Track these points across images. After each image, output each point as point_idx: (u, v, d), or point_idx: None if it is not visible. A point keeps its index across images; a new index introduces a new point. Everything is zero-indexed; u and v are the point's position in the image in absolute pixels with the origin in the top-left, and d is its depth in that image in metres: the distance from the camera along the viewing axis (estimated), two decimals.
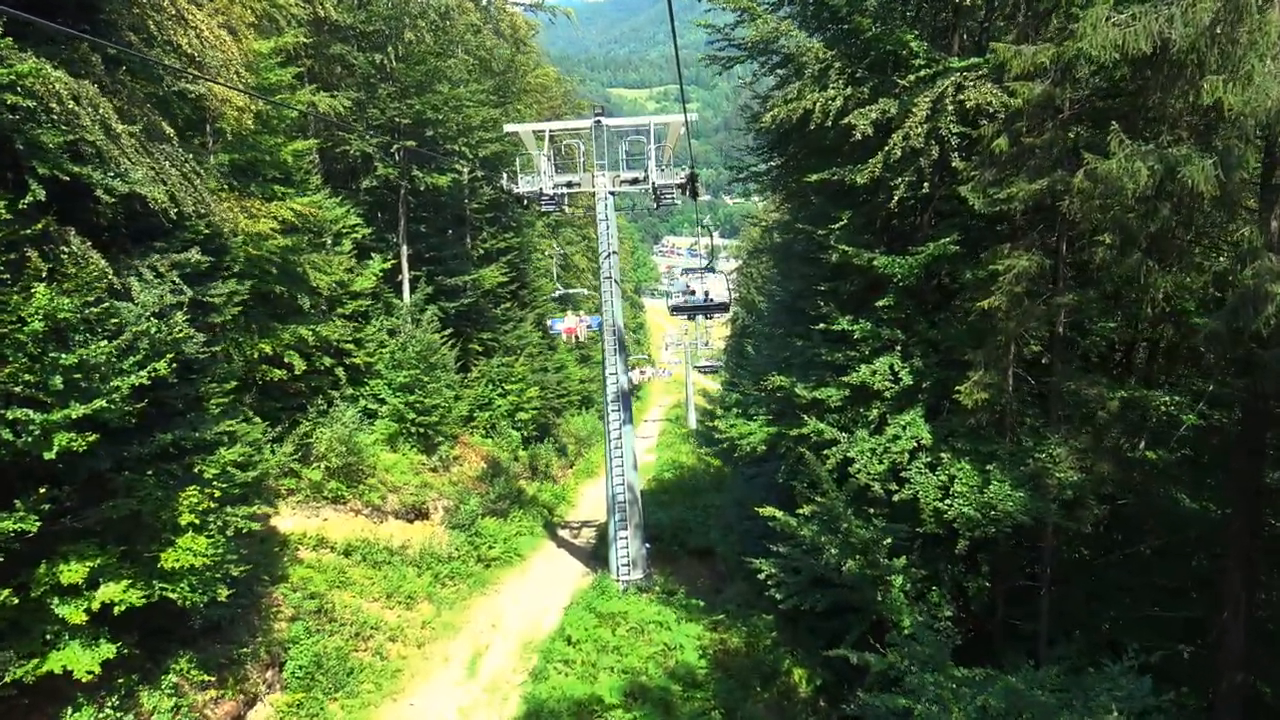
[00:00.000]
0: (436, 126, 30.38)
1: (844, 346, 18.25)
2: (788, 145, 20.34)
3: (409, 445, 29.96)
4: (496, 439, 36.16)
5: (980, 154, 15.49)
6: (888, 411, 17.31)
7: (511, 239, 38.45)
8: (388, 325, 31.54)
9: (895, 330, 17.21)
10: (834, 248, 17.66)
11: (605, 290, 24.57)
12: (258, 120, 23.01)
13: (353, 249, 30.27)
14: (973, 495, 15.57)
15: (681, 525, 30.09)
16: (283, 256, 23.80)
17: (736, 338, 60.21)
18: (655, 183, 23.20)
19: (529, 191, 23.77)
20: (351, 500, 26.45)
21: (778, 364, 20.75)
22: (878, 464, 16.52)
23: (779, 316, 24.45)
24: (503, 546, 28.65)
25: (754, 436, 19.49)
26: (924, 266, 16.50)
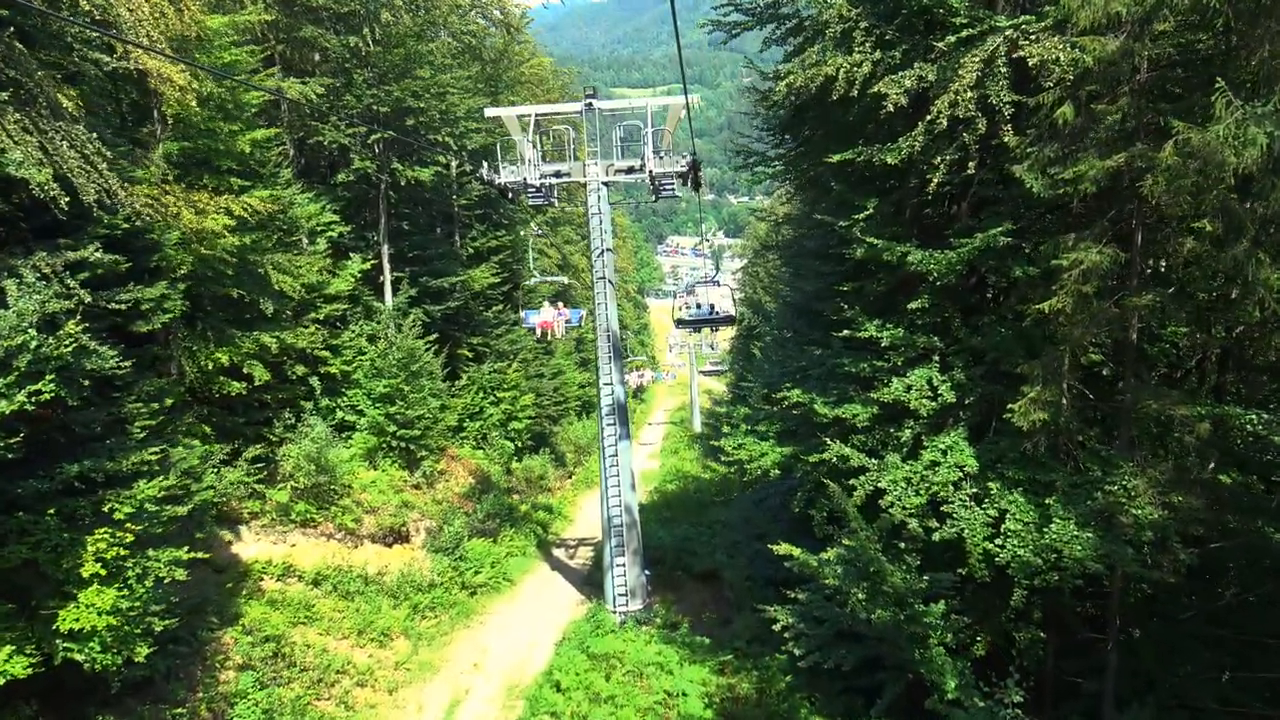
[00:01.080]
0: (418, 115, 27.82)
1: (870, 356, 15.64)
2: (803, 125, 17.69)
3: (389, 461, 27.41)
4: (488, 450, 33.60)
5: (1037, 126, 12.84)
6: (923, 432, 14.67)
7: (504, 237, 35.86)
8: (367, 330, 29.01)
9: (931, 337, 14.57)
10: (860, 240, 15.02)
11: (599, 291, 21.96)
12: (211, 106, 20.52)
13: (328, 248, 27.75)
14: (1029, 535, 12.94)
15: (685, 547, 27.44)
16: (240, 256, 21.27)
17: (742, 339, 57.53)
18: (652, 171, 20.57)
19: (512, 182, 21.15)
20: (323, 523, 23.92)
21: (791, 374, 18.12)
22: (914, 496, 13.88)
23: (791, 320, 21.81)
24: (490, 571, 26.05)
25: (765, 459, 16.88)
26: (966, 262, 13.84)
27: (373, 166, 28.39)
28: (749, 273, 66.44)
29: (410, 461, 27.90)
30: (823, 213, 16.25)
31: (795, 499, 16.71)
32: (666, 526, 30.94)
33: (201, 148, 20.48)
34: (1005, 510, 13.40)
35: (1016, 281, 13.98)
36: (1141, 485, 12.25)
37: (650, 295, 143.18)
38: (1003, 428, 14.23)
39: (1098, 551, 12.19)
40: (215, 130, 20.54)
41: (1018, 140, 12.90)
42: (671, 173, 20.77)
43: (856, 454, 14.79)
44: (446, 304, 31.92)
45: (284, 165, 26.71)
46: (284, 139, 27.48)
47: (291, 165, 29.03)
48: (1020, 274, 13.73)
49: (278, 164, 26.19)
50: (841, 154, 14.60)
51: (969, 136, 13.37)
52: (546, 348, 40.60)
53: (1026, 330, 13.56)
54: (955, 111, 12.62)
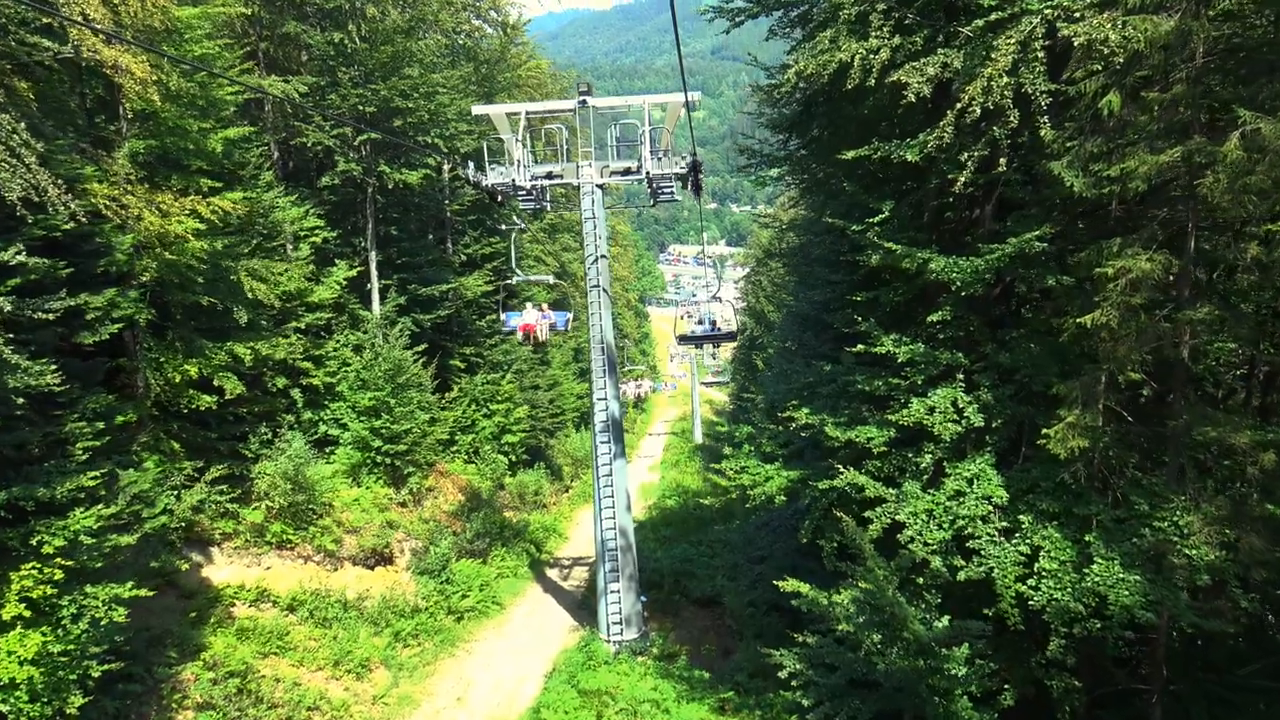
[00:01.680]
0: (406, 116, 26.45)
1: (885, 373, 14.19)
2: (811, 123, 16.29)
3: (374, 477, 25.96)
4: (480, 465, 32.12)
5: (1076, 118, 11.45)
6: (945, 457, 13.22)
7: (498, 244, 34.43)
8: (353, 340, 27.60)
9: (955, 353, 13.11)
10: (875, 246, 13.59)
11: (593, 300, 20.55)
12: (181, 103, 19.18)
13: (311, 254, 26.37)
14: (1066, 575, 11.48)
15: (684, 569, 25.96)
16: (212, 262, 19.89)
17: (744, 350, 56.06)
18: (650, 173, 19.19)
19: (500, 184, 19.77)
20: (300, 545, 22.48)
21: (798, 391, 16.67)
22: (937, 530, 12.42)
23: (797, 331, 20.39)
24: (478, 595, 24.57)
25: (770, 484, 15.40)
26: (995, 270, 12.42)
27: (359, 169, 27.00)
28: (751, 281, 65.00)
29: (396, 478, 26.45)
30: (834, 216, 14.80)
31: (803, 528, 15.25)
32: (665, 546, 29.49)
33: (170, 146, 19.08)
34: (1038, 547, 11.95)
35: (1050, 292, 12.55)
36: (1196, 522, 10.79)
37: (652, 304, 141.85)
38: (1034, 454, 12.81)
39: (1146, 598, 10.72)
40: (184, 128, 19.16)
41: (1054, 134, 11.48)
42: (670, 174, 19.39)
43: (872, 483, 13.33)
44: (437, 313, 30.51)
45: (265, 167, 25.33)
46: (265, 140, 26.11)
47: (274, 167, 27.70)
48: (1053, 283, 12.30)
49: (258, 166, 24.85)
50: (856, 151, 13.18)
51: (999, 131, 11.95)
52: (543, 358, 39.15)
53: (1062, 346, 12.14)
54: (989, 100, 11.19)
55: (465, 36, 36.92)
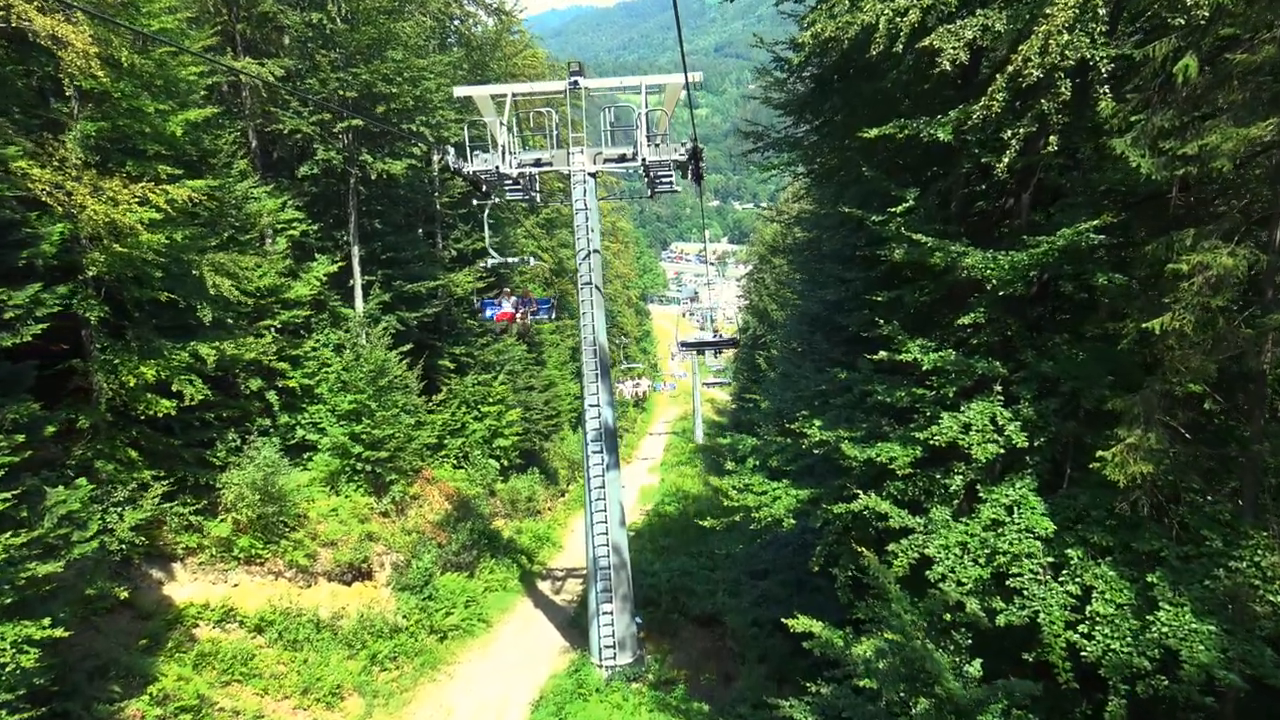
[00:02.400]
0: (389, 101, 24.75)
1: (907, 382, 12.51)
2: (825, 101, 14.55)
3: (354, 485, 24.27)
4: (470, 470, 30.43)
5: (1142, 88, 9.73)
6: (978, 480, 11.51)
7: (491, 239, 32.68)
8: (334, 340, 25.92)
9: (992, 362, 11.37)
10: (900, 238, 11.88)
11: (584, 298, 18.85)
12: (135, 81, 17.51)
13: (288, 248, 24.69)
14: (1125, 622, 9.77)
15: (683, 584, 24.27)
16: (172, 255, 18.23)
17: (747, 349, 54.34)
18: (646, 160, 17.49)
19: (483, 171, 18.07)
20: (271, 560, 20.81)
21: (807, 400, 14.99)
22: (973, 566, 10.71)
23: (806, 333, 18.66)
24: (463, 612, 22.90)
25: (777, 505, 13.68)
26: (1041, 265, 10.70)
27: (339, 158, 25.29)
28: (754, 279, 63.29)
29: (378, 486, 24.77)
30: (851, 204, 13.05)
31: (814, 555, 13.56)
32: (663, 557, 27.80)
33: (124, 129, 17.42)
34: (1090, 587, 10.24)
35: (1100, 292, 10.83)
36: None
37: (653, 302, 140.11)
38: (1082, 477, 11.11)
39: (1225, 653, 9.01)
40: (140, 109, 17.47)
41: (1115, 107, 9.74)
42: (669, 162, 17.68)
43: (896, 510, 11.62)
44: (424, 310, 28.80)
45: (239, 155, 23.62)
46: (241, 127, 24.39)
47: (253, 157, 26.01)
48: (1104, 281, 10.57)
49: (232, 154, 23.17)
50: (880, 129, 11.42)
51: (1047, 104, 10.20)
52: (537, 357, 37.43)
53: (1116, 354, 10.42)
54: (1045, 62, 9.43)
55: (459, 22, 35.22)
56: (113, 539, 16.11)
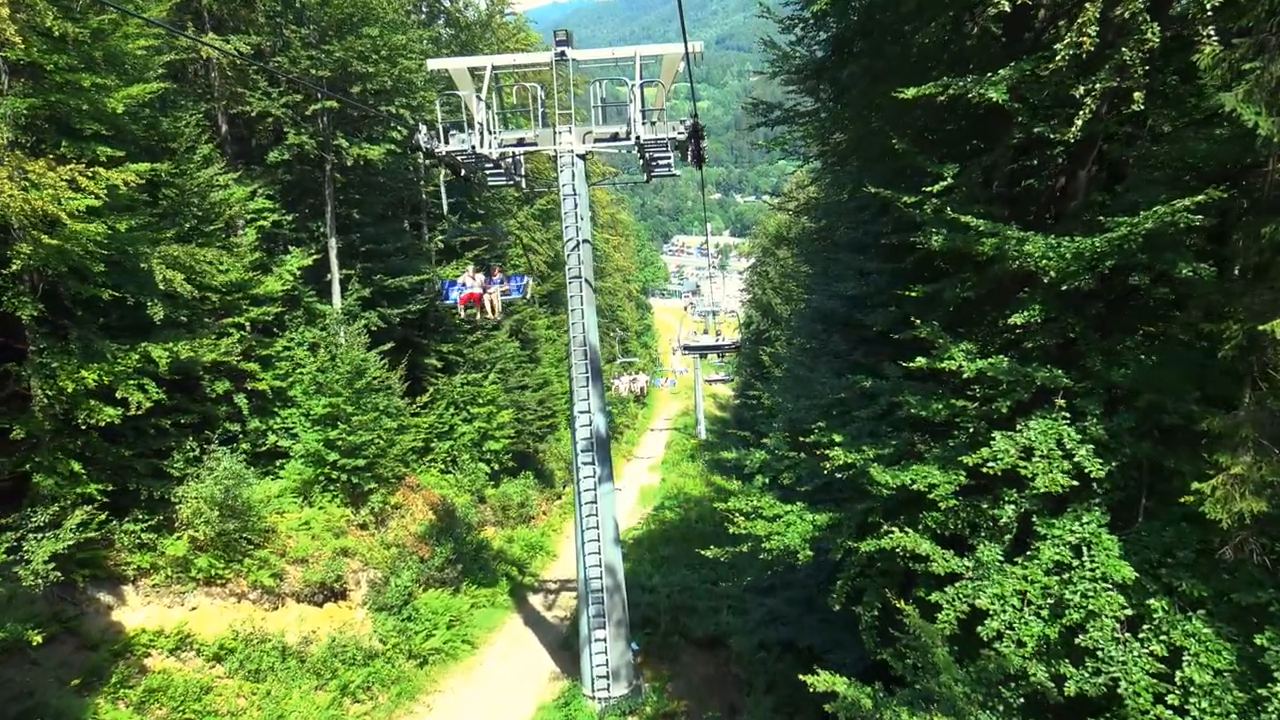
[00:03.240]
0: (365, 82, 22.77)
1: (944, 392, 10.53)
2: (845, 64, 12.49)
3: (329, 496, 22.35)
4: (458, 475, 28.52)
5: (1253, 31, 7.72)
6: (1032, 509, 9.52)
7: (479, 229, 30.75)
8: (309, 338, 23.98)
9: (1053, 370, 9.35)
10: (940, 222, 9.89)
11: (573, 293, 16.89)
12: (71, 52, 15.54)
13: (258, 239, 22.73)
14: (1229, 694, 7.82)
15: (683, 601, 22.32)
16: (117, 247, 16.32)
17: (750, 344, 52.26)
18: (641, 139, 15.50)
19: (458, 152, 16.09)
20: (233, 580, 18.92)
21: (824, 410, 13.01)
22: (1035, 622, 8.73)
23: (820, 333, 16.65)
24: (445, 634, 20.96)
25: (790, 533, 11.70)
26: (1117, 254, 8.69)
27: (312, 143, 23.30)
28: (757, 272, 61.19)
29: (355, 496, 22.83)
30: (877, 183, 11.01)
31: (835, 590, 11.61)
32: (662, 569, 25.89)
33: (57, 106, 15.46)
34: (1180, 648, 8.27)
35: (1190, 285, 8.82)
36: None
37: (655, 295, 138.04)
38: (1161, 509, 9.14)
39: None
40: (77, 84, 15.52)
41: (1220, 53, 7.72)
42: (666, 140, 15.68)
43: (938, 553, 9.63)
44: (408, 306, 26.85)
45: (204, 139, 21.64)
46: (204, 108, 22.34)
47: (223, 142, 24.05)
48: (1188, 273, 8.57)
49: (195, 138, 21.22)
50: (918, 89, 9.38)
51: (1130, 53, 8.18)
52: (531, 355, 35.43)
53: (1210, 362, 8.43)
54: None
55: (449, 1, 33.15)
56: (27, 571, 14.13)
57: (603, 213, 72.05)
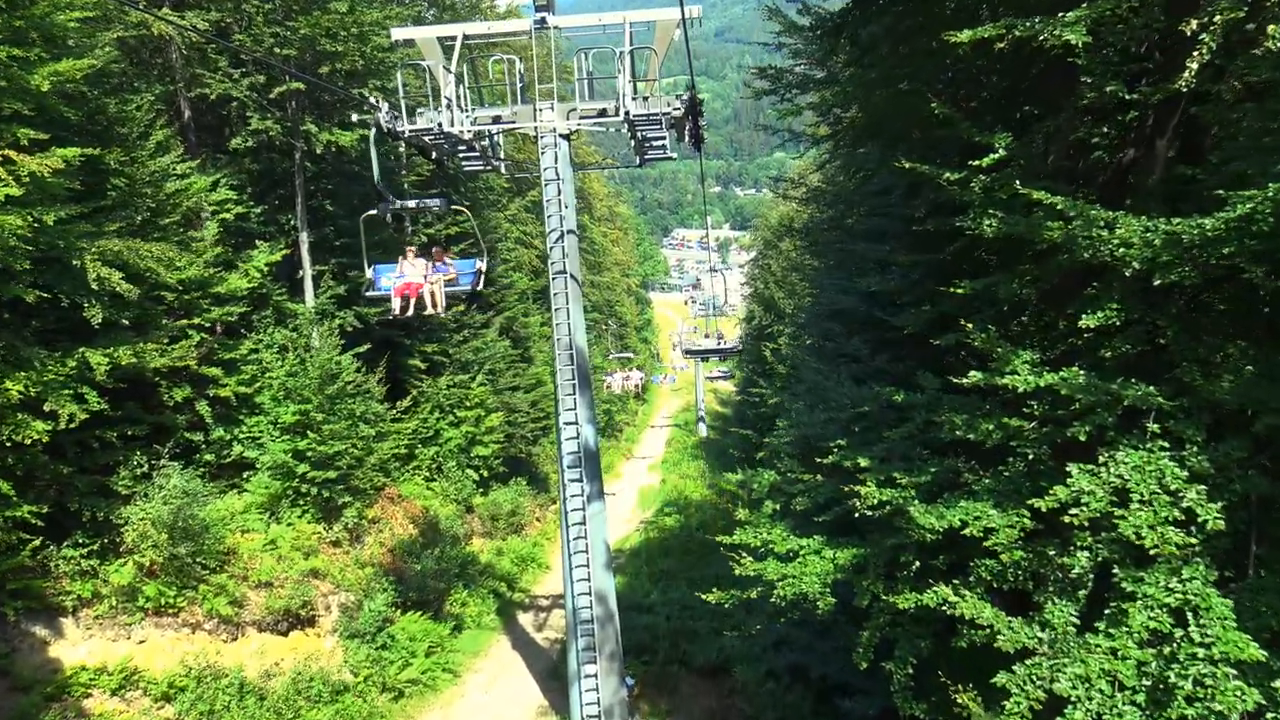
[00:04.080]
0: (334, 61, 20.81)
1: (995, 409, 8.61)
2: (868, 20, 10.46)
3: (299, 511, 20.44)
4: (443, 484, 26.62)
5: None
6: (1111, 559, 7.57)
7: (466, 223, 28.68)
8: (278, 339, 22.06)
9: (1144, 386, 7.37)
10: (993, 202, 7.96)
11: (557, 290, 14.95)
12: None
13: (219, 233, 20.82)
14: None
15: (683, 624, 20.42)
16: (46, 242, 14.47)
17: (752, 339, 50.31)
18: (631, 115, 13.54)
19: (423, 131, 14.13)
20: (187, 609, 17.04)
21: (843, 425, 11.08)
22: (1131, 712, 6.79)
23: (837, 334, 14.67)
24: (424, 662, 19.07)
25: (806, 574, 9.75)
26: (1236, 238, 6.74)
27: (278, 128, 21.34)
28: (759, 265, 59.25)
29: (328, 511, 20.92)
30: (913, 157, 9.02)
31: (860, 645, 9.70)
32: (660, 585, 24.01)
33: None
34: None
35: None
36: None
37: (655, 289, 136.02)
38: (1276, 558, 7.22)
39: None
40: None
41: None
42: (660, 115, 13.70)
43: (1003, 620, 7.67)
44: (387, 304, 24.74)
45: (160, 125, 19.70)
46: (156, 91, 20.39)
47: (183, 127, 22.12)
48: None
49: (148, 123, 19.30)
50: (974, 32, 7.40)
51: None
52: (524, 354, 33.47)
53: None
54: None
55: None
56: None
57: (600, 205, 70.06)
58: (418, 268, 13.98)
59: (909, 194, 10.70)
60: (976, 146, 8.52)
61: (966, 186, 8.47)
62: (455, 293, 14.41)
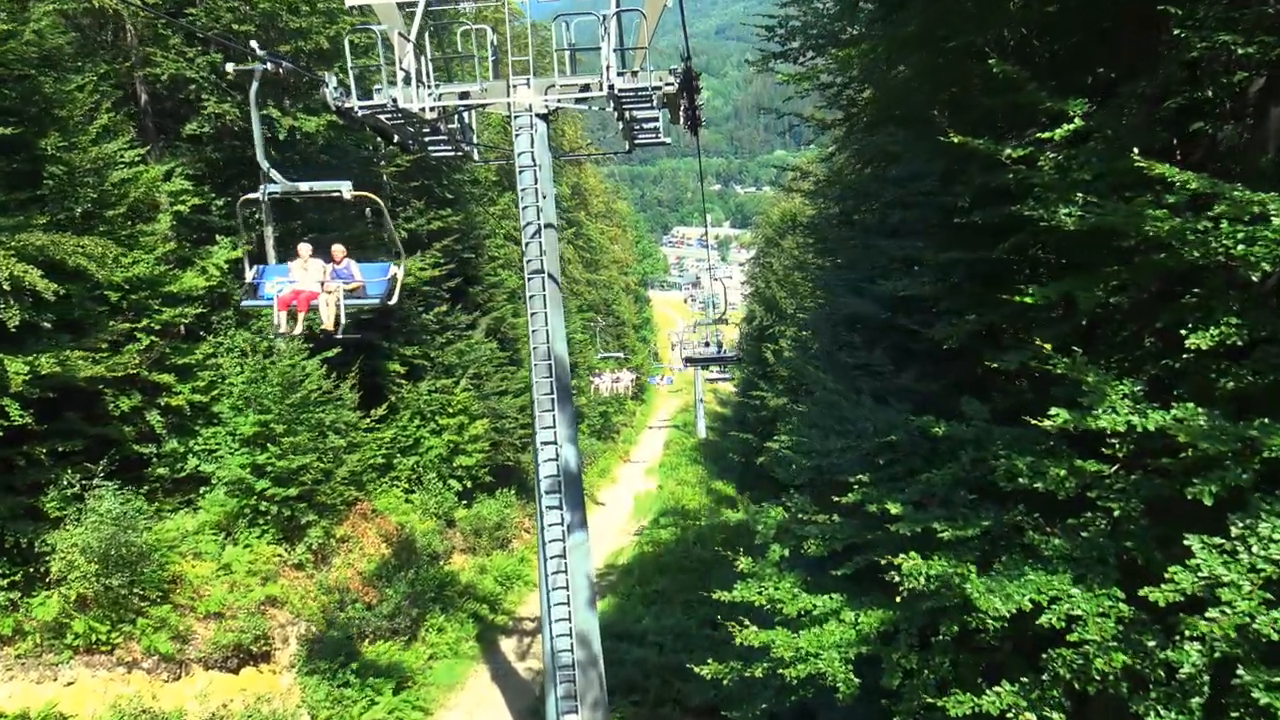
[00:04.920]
0: (299, 39, 18.91)
1: (1066, 450, 6.69)
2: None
3: (257, 532, 18.54)
4: (423, 496, 24.71)
5: None
6: (1235, 654, 5.66)
7: (449, 216, 26.80)
8: (240, 342, 20.15)
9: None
10: (1068, 184, 6.04)
11: (532, 292, 13.00)
12: None
13: (172, 227, 18.93)
14: None
15: (676, 658, 18.43)
16: None
17: (752, 339, 48.32)
18: (617, 90, 11.62)
19: (376, 108, 12.21)
20: (122, 646, 15.13)
21: (866, 458, 9.17)
22: None
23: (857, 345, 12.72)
24: (391, 701, 17.07)
25: (824, 652, 7.83)
26: None
27: (235, 112, 19.40)
28: (760, 264, 57.26)
29: (290, 531, 19.03)
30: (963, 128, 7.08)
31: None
32: (654, 609, 22.10)
33: None
34: None
35: None
36: None
37: (654, 287, 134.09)
38: None
39: None
40: None
41: None
42: (650, 91, 11.76)
43: None
44: (361, 304, 22.79)
45: (104, 106, 17.79)
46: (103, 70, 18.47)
47: (140, 112, 20.23)
48: None
49: (93, 106, 17.42)
50: None
51: None
52: (512, 357, 31.51)
53: None
54: None
55: None
56: None
57: (597, 201, 68.08)
58: (312, 272, 11.12)
59: (946, 179, 8.79)
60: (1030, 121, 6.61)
61: (1033, 166, 6.55)
62: (361, 305, 11.75)
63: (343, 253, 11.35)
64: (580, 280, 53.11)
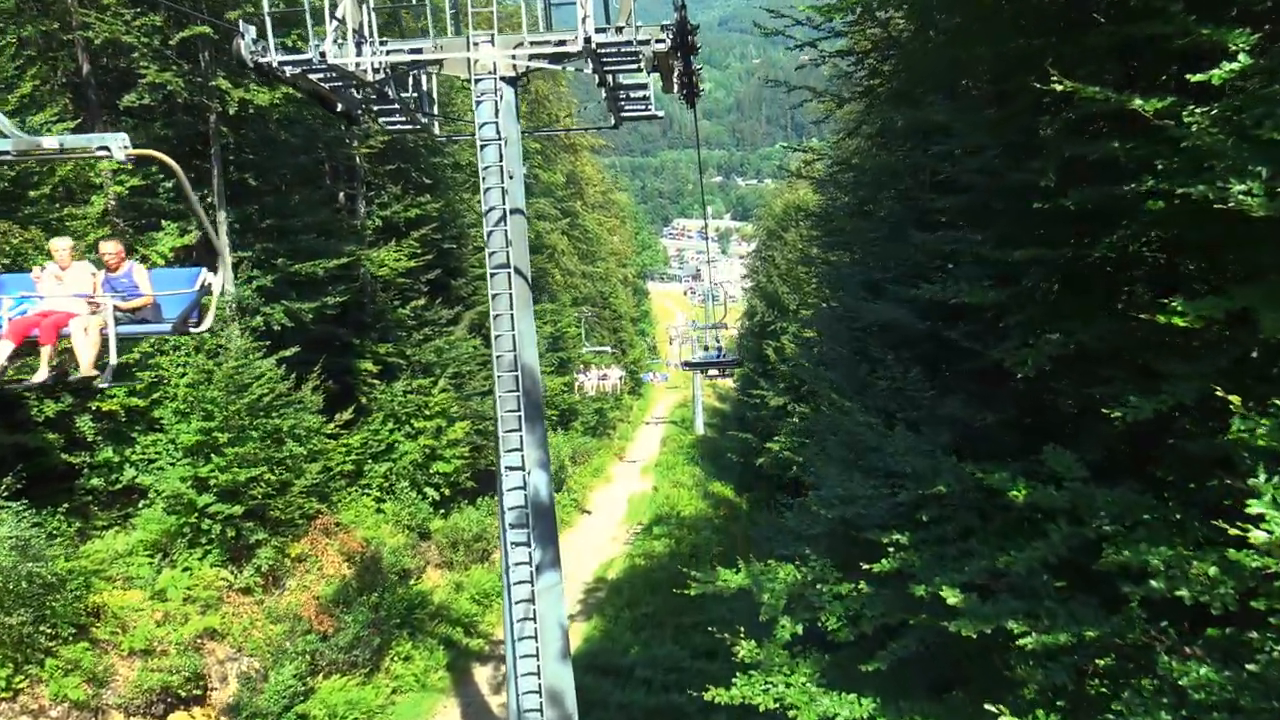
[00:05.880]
0: (243, 4, 16.74)
1: (1199, 520, 4.59)
2: None
3: (199, 553, 16.45)
4: (396, 506, 22.60)
5: None
6: None
7: (428, 204, 24.59)
8: (185, 341, 17.99)
9: None
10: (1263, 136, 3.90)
11: (495, 291, 10.85)
12: None
13: (106, 210, 16.82)
14: None
15: (666, 698, 16.40)
16: None
17: (753, 336, 46.13)
18: (596, 45, 9.48)
19: (302, 64, 10.05)
20: (26, 692, 13.02)
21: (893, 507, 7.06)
22: None
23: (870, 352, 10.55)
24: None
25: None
26: None
27: (179, 83, 17.20)
28: (761, 257, 55.03)
29: (236, 551, 16.94)
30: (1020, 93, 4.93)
31: None
32: (643, 637, 20.01)
33: None
34: None
35: None
36: None
37: (653, 279, 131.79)
38: None
39: None
40: None
41: None
42: (636, 47, 9.58)
43: None
44: (326, 297, 20.70)
45: (29, 74, 15.66)
46: (24, 34, 16.32)
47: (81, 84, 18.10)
48: None
49: (14, 74, 15.33)
50: None
51: None
52: None
53: None
54: None
55: None
56: None
57: (593, 191, 65.71)
58: (71, 282, 7.03)
59: (1017, 154, 6.61)
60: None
61: (1179, 123, 4.40)
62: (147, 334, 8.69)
63: (118, 253, 7.37)
64: (575, 273, 50.86)
